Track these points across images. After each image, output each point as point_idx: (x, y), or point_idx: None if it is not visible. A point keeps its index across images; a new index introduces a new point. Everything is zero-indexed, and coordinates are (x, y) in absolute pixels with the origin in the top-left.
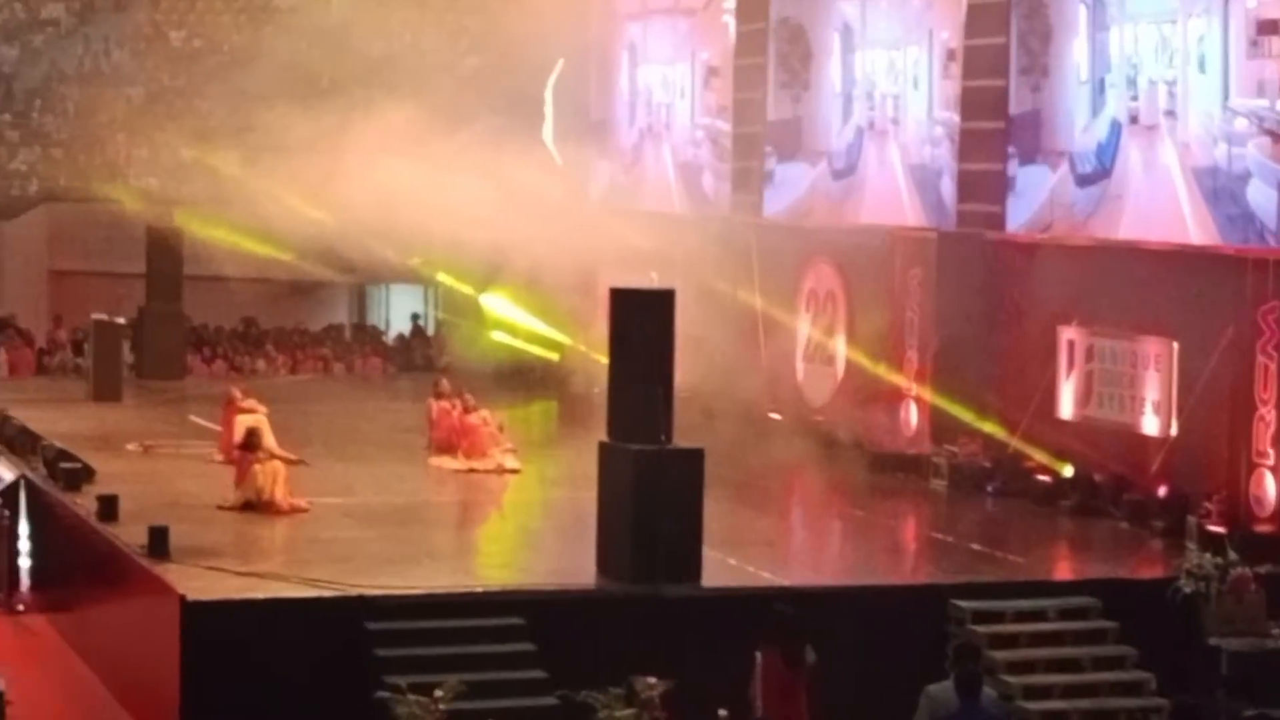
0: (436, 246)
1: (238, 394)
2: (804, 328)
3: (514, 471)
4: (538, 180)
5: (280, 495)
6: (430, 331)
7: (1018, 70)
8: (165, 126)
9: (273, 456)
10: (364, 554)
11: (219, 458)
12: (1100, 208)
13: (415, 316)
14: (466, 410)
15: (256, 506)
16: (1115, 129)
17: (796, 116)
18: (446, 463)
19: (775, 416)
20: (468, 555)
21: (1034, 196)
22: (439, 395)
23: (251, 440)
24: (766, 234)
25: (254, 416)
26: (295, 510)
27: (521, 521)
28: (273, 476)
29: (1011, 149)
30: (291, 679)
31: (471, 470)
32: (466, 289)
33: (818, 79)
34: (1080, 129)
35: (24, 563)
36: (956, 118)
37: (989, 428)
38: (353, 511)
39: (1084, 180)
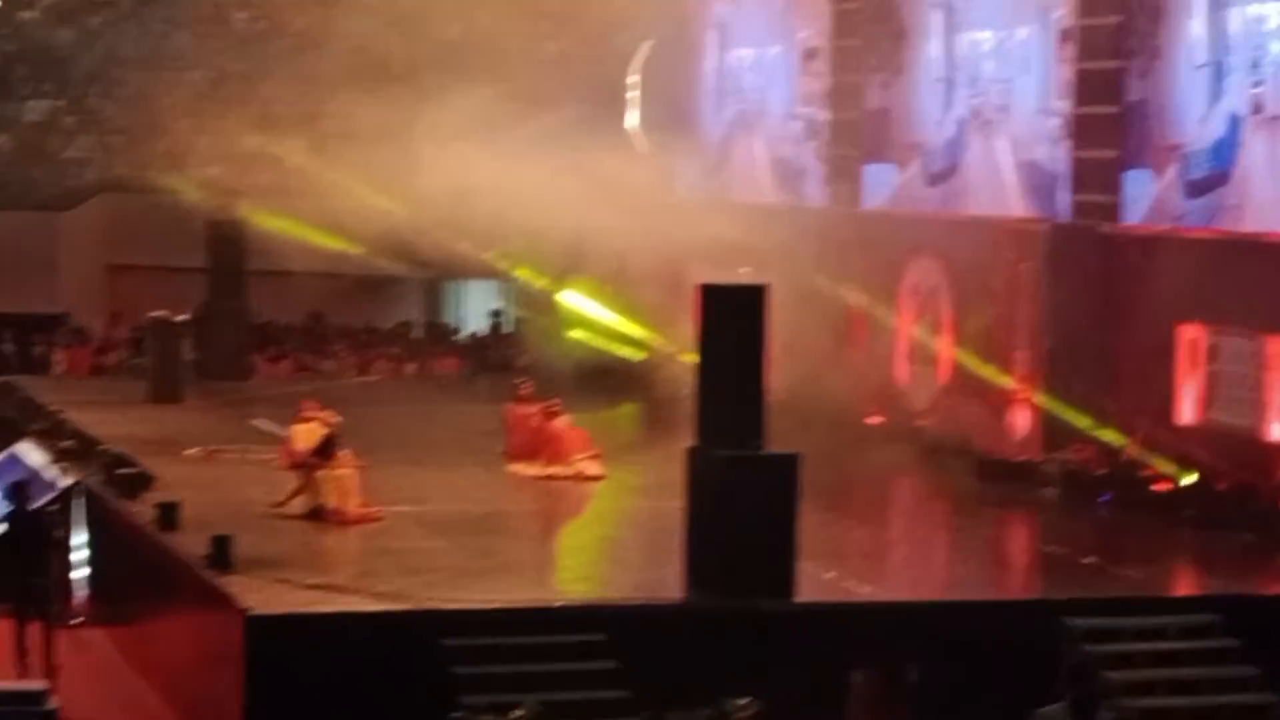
0: (514, 239)
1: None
2: (905, 326)
3: (596, 478)
4: (621, 169)
5: (351, 504)
6: (507, 329)
7: (1128, 54)
8: (228, 113)
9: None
10: (438, 565)
11: (281, 464)
12: (1220, 204)
13: (495, 314)
14: (549, 415)
15: (322, 515)
16: (1234, 123)
17: (884, 107)
18: (523, 468)
19: (874, 420)
20: (547, 567)
21: (1142, 198)
22: (520, 399)
23: (327, 447)
24: (865, 226)
25: (310, 426)
26: (367, 519)
27: (604, 532)
28: (339, 484)
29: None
30: (361, 699)
31: (551, 476)
32: (545, 284)
33: (912, 63)
34: (1196, 120)
35: (79, 573)
36: (1069, 104)
37: (1103, 433)
38: (426, 520)
39: (1197, 188)
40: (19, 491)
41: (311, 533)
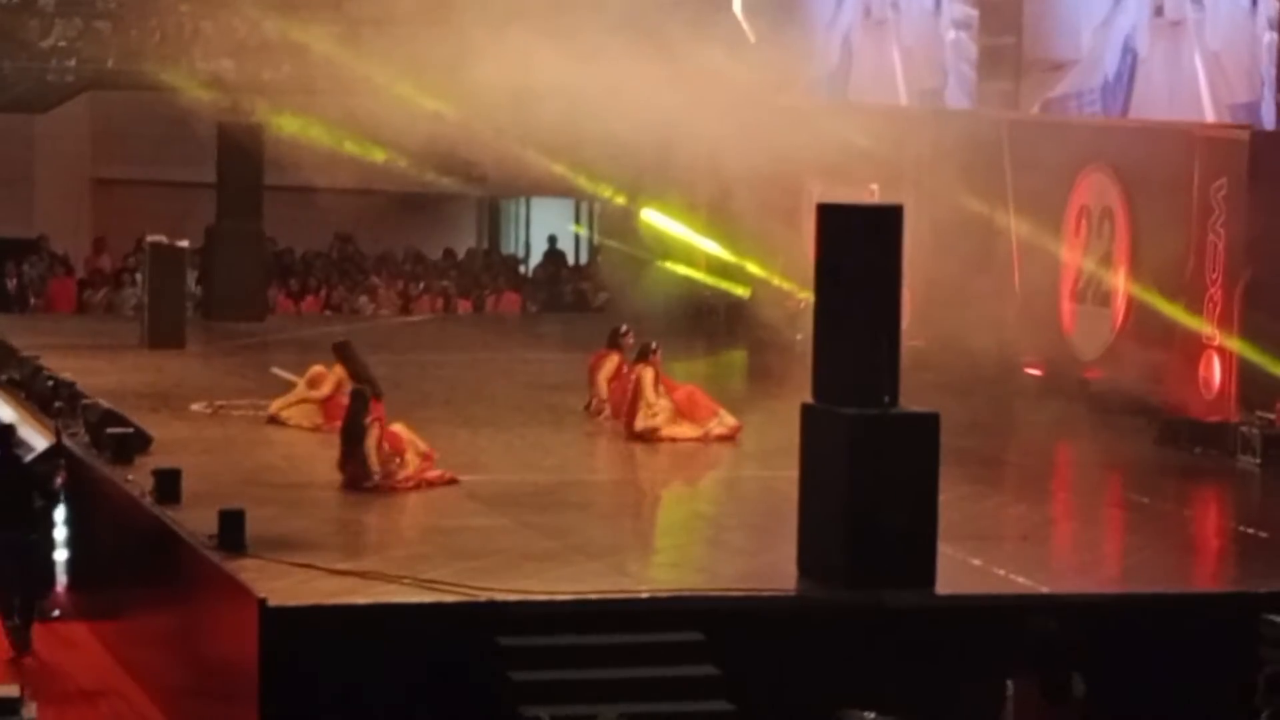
0: (591, 148)
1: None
2: (1072, 257)
3: (727, 438)
4: (723, 63)
5: (412, 463)
6: (583, 259)
7: None
8: None
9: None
10: (496, 548)
11: (319, 422)
12: None
13: (553, 240)
14: (649, 364)
15: (368, 484)
16: None
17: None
18: (674, 428)
19: (1033, 372)
20: (631, 551)
21: None
22: (616, 347)
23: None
24: (1024, 134)
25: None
26: (438, 481)
27: (701, 508)
28: (394, 440)
29: None
30: (401, 708)
31: (672, 438)
32: (629, 204)
33: None
34: None
35: (59, 555)
36: None
37: None
38: (481, 493)
39: None
40: (6, 436)
41: (342, 507)
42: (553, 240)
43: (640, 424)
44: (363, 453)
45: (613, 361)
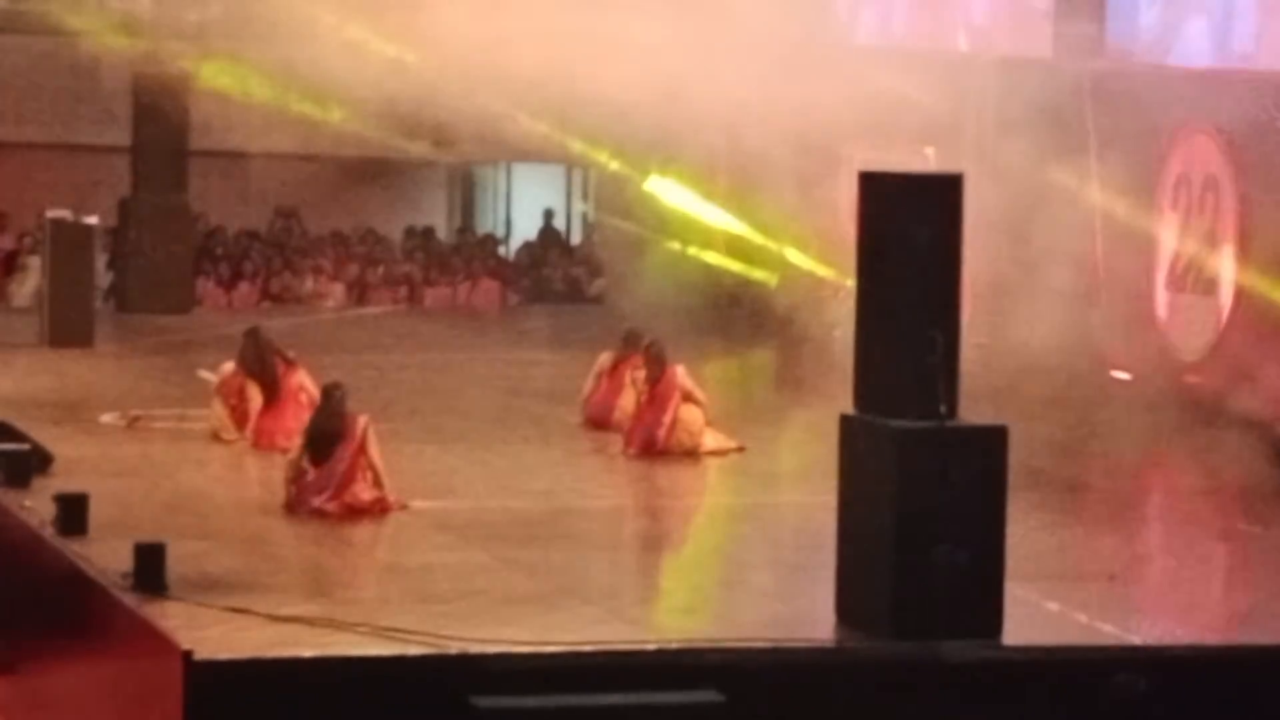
0: (584, 105)
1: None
2: (1169, 236)
3: (731, 451)
4: (741, 2)
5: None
6: (575, 239)
7: None
8: None
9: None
10: (471, 590)
11: (234, 436)
12: None
13: (550, 215)
14: (657, 374)
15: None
16: None
17: None
18: (709, 438)
19: (1121, 375)
20: (635, 593)
21: None
22: (629, 348)
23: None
24: (1111, 87)
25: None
26: (379, 509)
27: (720, 540)
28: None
29: None
30: None
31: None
32: (633, 172)
33: None
34: None
35: None
36: None
37: None
38: (453, 523)
39: None
40: None
41: (285, 541)
42: (549, 215)
43: (696, 441)
44: (366, 461)
45: (617, 365)
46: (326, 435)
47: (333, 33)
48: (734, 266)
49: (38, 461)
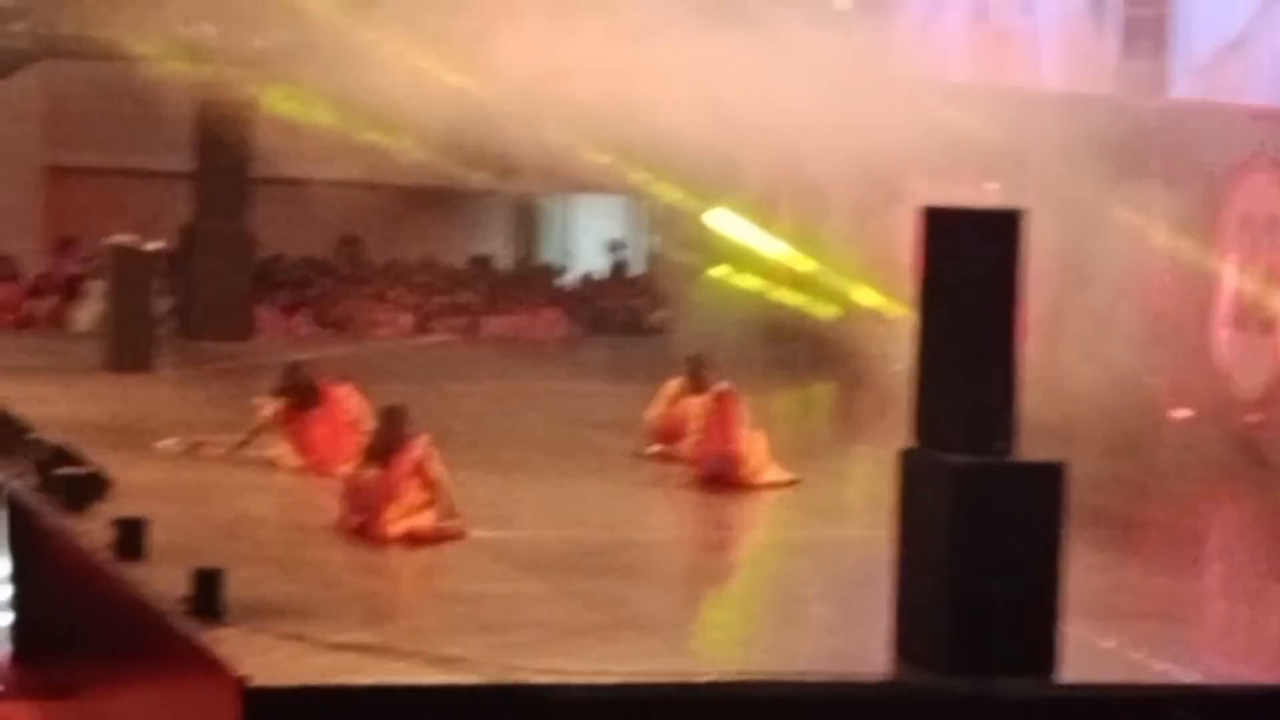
0: (645, 137)
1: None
2: (1229, 275)
3: (786, 484)
4: (805, 34)
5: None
6: (636, 270)
7: None
8: None
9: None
10: (531, 620)
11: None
12: None
13: (618, 246)
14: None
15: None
16: None
17: None
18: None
19: (1181, 415)
20: (692, 625)
21: None
22: (697, 380)
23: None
24: (1173, 125)
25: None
26: (442, 538)
27: (777, 573)
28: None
29: None
30: None
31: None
32: (694, 204)
33: None
34: None
35: (2, 619)
36: None
37: None
38: (514, 553)
39: None
40: None
41: (342, 568)
42: (618, 247)
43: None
44: (424, 481)
45: (678, 398)
46: (384, 451)
47: (396, 60)
48: (795, 299)
49: (96, 486)
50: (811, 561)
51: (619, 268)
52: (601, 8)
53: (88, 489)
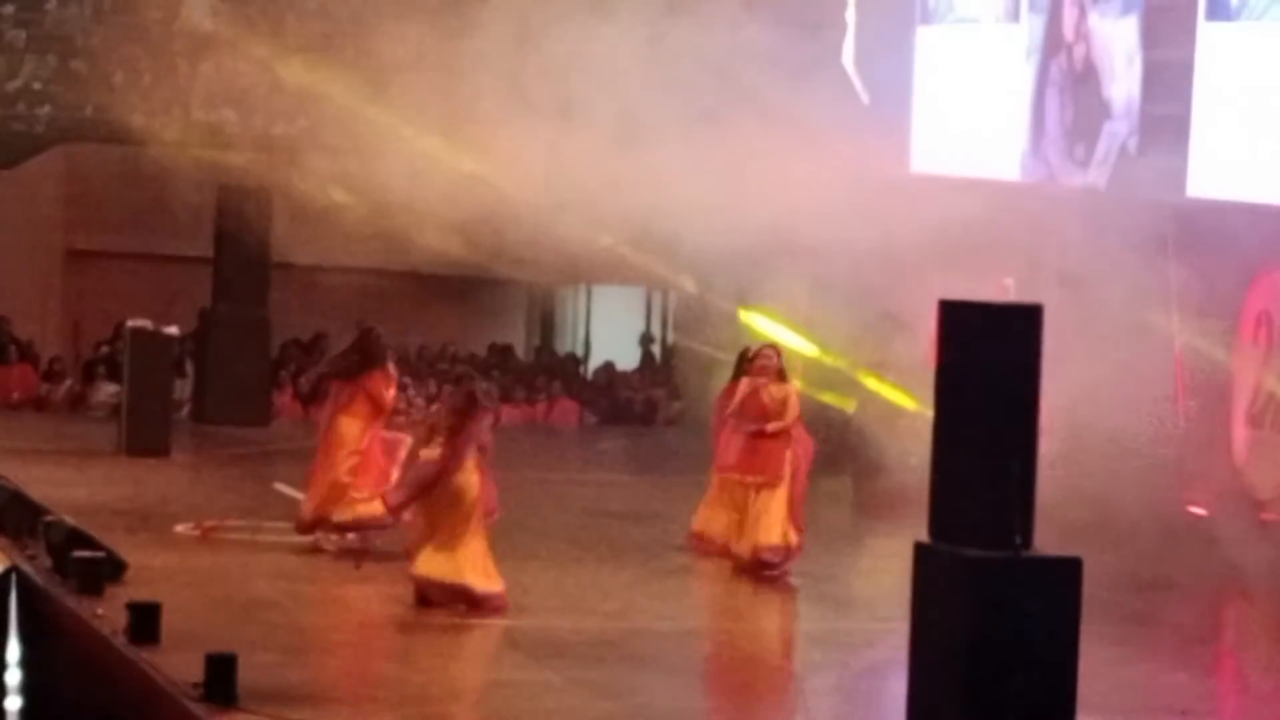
0: (664, 229)
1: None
2: (1248, 373)
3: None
4: (830, 127)
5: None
6: (658, 362)
7: None
8: (246, 31)
9: None
10: (541, 709)
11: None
12: None
13: (648, 340)
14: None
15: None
16: None
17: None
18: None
19: (1198, 512)
20: (702, 717)
21: None
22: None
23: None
24: (1193, 222)
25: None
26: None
27: (791, 666)
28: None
29: None
30: None
31: None
32: (711, 297)
33: None
34: None
35: (11, 704)
36: None
37: None
38: (524, 640)
39: None
40: None
41: (353, 653)
42: (647, 341)
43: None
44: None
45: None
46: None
47: (415, 150)
48: (812, 391)
49: (111, 569)
50: (825, 654)
51: (647, 359)
52: (618, 105)
53: (102, 572)
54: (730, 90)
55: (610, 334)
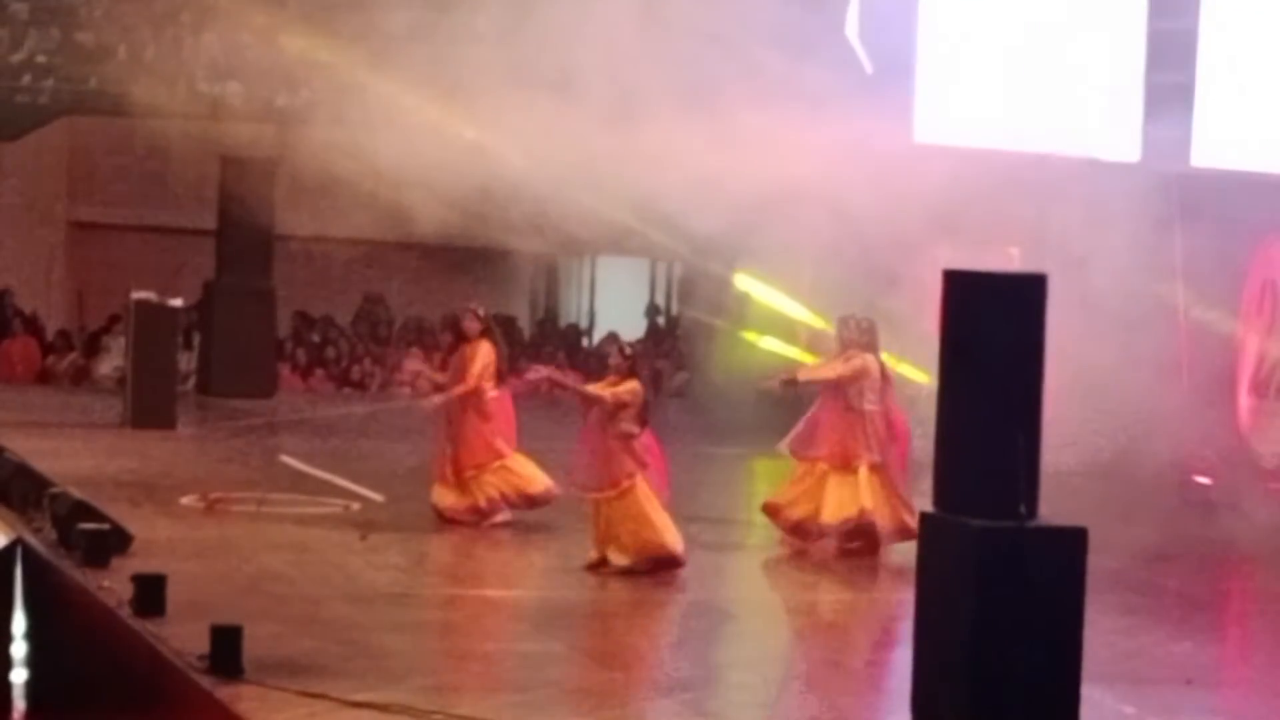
0: (670, 199)
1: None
2: (1253, 341)
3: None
4: (832, 97)
5: None
6: (663, 332)
7: None
8: (251, 3)
9: None
10: (547, 679)
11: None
12: None
13: (656, 311)
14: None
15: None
16: None
17: None
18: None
19: (1202, 481)
20: (708, 687)
21: None
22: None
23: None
24: (1197, 192)
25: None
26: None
27: (797, 636)
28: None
29: None
30: None
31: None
32: (715, 267)
33: None
34: None
35: (17, 676)
36: None
37: None
38: (531, 611)
39: None
40: None
41: (358, 624)
42: (655, 312)
43: None
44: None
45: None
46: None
47: (420, 119)
48: (818, 363)
49: (116, 541)
50: (831, 623)
51: (654, 330)
52: (623, 75)
53: (108, 544)
54: (732, 61)
55: (615, 305)
